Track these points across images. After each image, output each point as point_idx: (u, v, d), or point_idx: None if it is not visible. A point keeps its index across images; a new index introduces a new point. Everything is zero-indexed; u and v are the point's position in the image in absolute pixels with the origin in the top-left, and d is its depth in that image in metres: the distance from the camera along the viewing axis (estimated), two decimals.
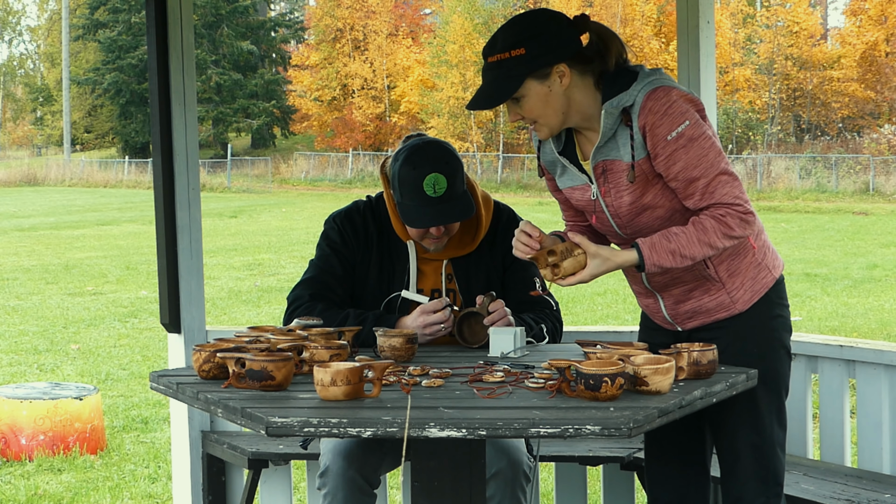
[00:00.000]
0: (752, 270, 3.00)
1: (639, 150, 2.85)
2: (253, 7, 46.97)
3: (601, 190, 2.97)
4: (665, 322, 3.13)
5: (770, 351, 3.03)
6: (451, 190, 3.32)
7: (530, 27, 2.85)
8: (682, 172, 2.83)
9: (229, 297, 13.94)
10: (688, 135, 2.80)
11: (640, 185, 2.89)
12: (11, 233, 23.26)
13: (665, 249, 2.84)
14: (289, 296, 3.47)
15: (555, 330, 3.48)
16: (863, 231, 21.93)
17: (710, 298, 3.01)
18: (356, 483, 3.28)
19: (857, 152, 34.22)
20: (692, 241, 2.83)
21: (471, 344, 3.32)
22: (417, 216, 3.33)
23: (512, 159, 37.76)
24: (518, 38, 2.84)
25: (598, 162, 2.94)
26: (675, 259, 2.84)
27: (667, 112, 2.80)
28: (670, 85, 2.86)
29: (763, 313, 3.02)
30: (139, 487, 6.04)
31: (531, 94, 2.86)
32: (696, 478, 3.19)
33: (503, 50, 2.84)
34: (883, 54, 38.53)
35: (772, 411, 3.03)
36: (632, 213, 2.94)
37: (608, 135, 2.89)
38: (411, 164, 3.33)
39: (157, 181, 4.31)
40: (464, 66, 39.11)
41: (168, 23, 4.22)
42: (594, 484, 5.29)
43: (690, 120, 2.81)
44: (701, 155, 2.81)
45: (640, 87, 2.84)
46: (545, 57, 2.83)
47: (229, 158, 40.10)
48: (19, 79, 64.47)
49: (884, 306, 12.61)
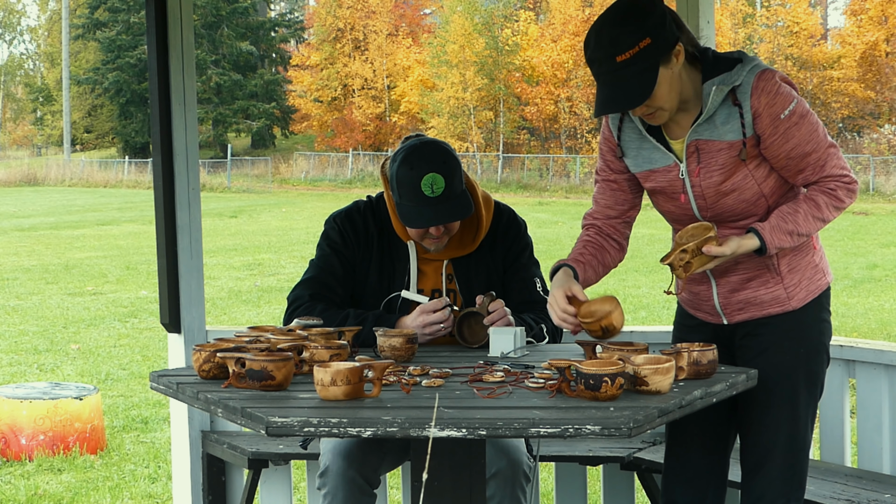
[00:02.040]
0: (809, 270, 3.04)
1: (749, 128, 2.90)
2: (253, 7, 46.96)
3: (690, 169, 2.98)
4: (712, 312, 3.11)
5: (815, 354, 3.04)
6: (449, 190, 3.32)
7: (644, 16, 2.83)
8: (796, 149, 2.90)
9: (229, 297, 13.94)
10: (798, 112, 2.90)
11: (732, 166, 2.93)
12: (11, 233, 23.26)
13: (783, 231, 2.92)
14: (289, 296, 3.47)
15: (555, 330, 3.47)
16: (863, 231, 21.93)
17: (766, 291, 3.02)
18: (356, 483, 3.28)
19: (858, 152, 34.22)
20: (808, 219, 2.93)
21: (471, 344, 3.32)
22: (416, 216, 3.33)
23: (512, 159, 37.75)
24: (641, 30, 2.81)
25: (692, 140, 2.96)
26: (793, 239, 2.93)
27: (778, 92, 2.89)
28: (770, 68, 2.94)
29: (814, 315, 3.04)
30: (139, 487, 6.04)
31: (662, 81, 2.87)
32: (715, 481, 3.17)
33: (632, 45, 2.81)
34: (883, 54, 38.53)
35: (809, 414, 3.04)
36: (719, 194, 2.96)
37: (711, 112, 2.91)
38: (409, 165, 3.33)
39: (157, 181, 4.31)
40: (464, 66, 39.10)
41: (168, 23, 4.22)
42: (594, 484, 5.29)
43: (797, 101, 2.91)
44: (811, 130, 2.91)
45: (747, 69, 2.90)
46: (668, 40, 2.85)
47: (229, 158, 40.09)
48: (19, 79, 64.48)
49: (884, 306, 12.61)
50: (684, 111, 2.97)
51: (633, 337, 4.23)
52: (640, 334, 4.25)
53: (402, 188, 3.34)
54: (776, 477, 3.02)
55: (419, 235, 3.42)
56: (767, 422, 3.03)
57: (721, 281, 3.05)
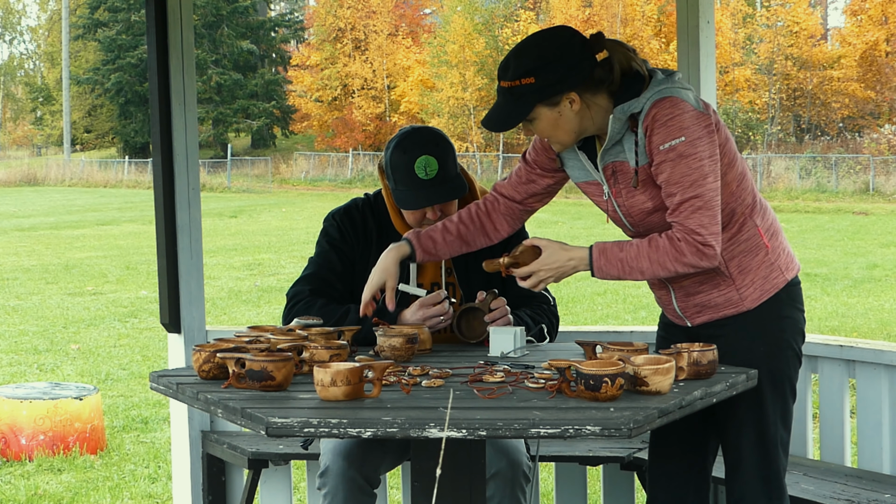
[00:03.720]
0: (763, 269, 3.01)
1: (642, 156, 2.88)
2: (253, 7, 46.95)
3: (612, 191, 3.00)
4: (675, 316, 3.14)
5: (778, 351, 3.03)
6: (442, 172, 3.36)
7: (542, 56, 2.86)
8: (665, 184, 2.85)
9: (229, 297, 13.94)
10: (679, 150, 2.82)
11: (647, 187, 2.92)
12: (11, 233, 23.26)
13: (615, 257, 2.89)
14: (288, 292, 3.49)
15: (551, 326, 3.52)
16: (863, 231, 21.92)
17: (718, 293, 3.02)
18: (356, 483, 3.28)
19: (857, 152, 34.21)
20: (642, 255, 2.87)
21: (468, 339, 3.34)
22: (411, 199, 3.38)
23: (512, 159, 37.74)
24: (528, 68, 2.86)
25: (606, 164, 2.98)
26: (624, 269, 2.89)
27: (667, 123, 2.82)
28: (681, 97, 2.86)
29: (772, 313, 3.02)
30: (139, 487, 6.04)
31: (542, 118, 2.91)
32: (695, 480, 3.19)
33: (514, 78, 2.87)
34: (883, 54, 38.53)
35: (776, 412, 3.03)
36: (643, 213, 2.97)
37: (615, 139, 2.92)
38: (402, 149, 3.39)
39: (157, 181, 4.31)
40: (464, 66, 39.11)
41: (168, 23, 4.22)
42: (594, 484, 5.28)
43: (688, 137, 2.82)
44: (685, 174, 2.82)
45: (649, 95, 2.86)
46: (554, 87, 2.86)
47: (229, 158, 40.09)
48: (19, 79, 64.47)
49: (884, 306, 12.61)
50: (606, 135, 2.97)
51: (633, 337, 4.23)
52: (640, 334, 4.25)
53: (397, 173, 3.38)
54: (753, 477, 3.03)
55: (416, 221, 3.44)
56: (735, 423, 3.05)
57: (675, 286, 3.08)
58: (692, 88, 2.96)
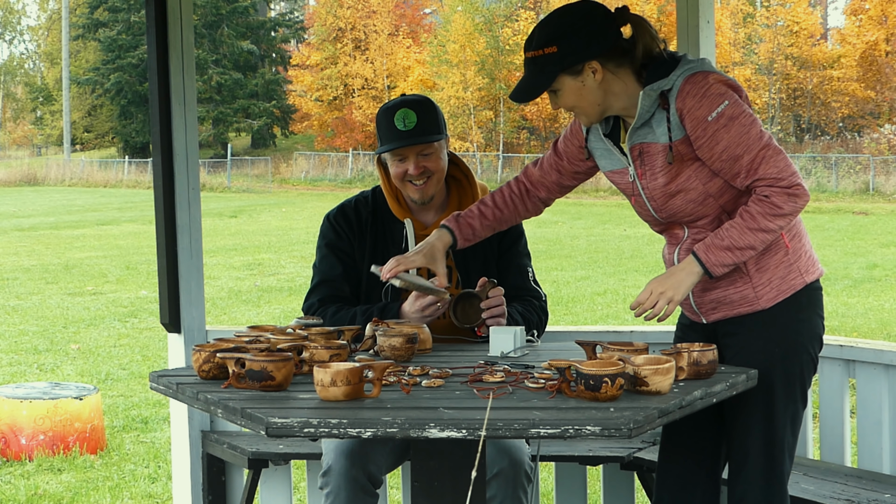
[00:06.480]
0: (781, 270, 3.01)
1: (675, 131, 2.91)
2: (253, 7, 46.94)
3: (638, 172, 3.03)
4: (691, 311, 3.15)
5: (793, 354, 3.02)
6: (421, 125, 3.45)
7: (564, 25, 2.93)
8: (726, 151, 2.88)
9: (229, 297, 13.94)
10: (728, 114, 2.87)
11: (675, 167, 2.94)
12: (11, 233, 23.26)
13: (720, 248, 2.90)
14: (303, 307, 3.60)
15: (540, 322, 3.58)
16: (863, 231, 21.92)
17: (734, 290, 3.02)
18: (359, 482, 3.28)
19: (857, 152, 34.21)
20: (743, 232, 2.88)
21: (462, 324, 3.38)
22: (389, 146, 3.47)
23: (512, 159, 37.74)
24: (551, 37, 2.93)
25: (634, 144, 3.01)
26: (735, 254, 2.90)
27: (705, 94, 2.88)
28: (709, 70, 2.93)
29: (789, 315, 3.02)
30: (139, 487, 6.04)
31: (565, 89, 2.96)
32: (704, 484, 3.18)
33: (537, 47, 2.95)
34: (883, 54, 38.52)
35: (787, 416, 3.02)
36: (666, 195, 2.99)
37: (644, 117, 2.95)
38: (386, 107, 3.51)
39: (157, 181, 4.31)
40: (464, 65, 39.11)
41: (168, 23, 4.22)
42: (594, 484, 5.28)
43: (729, 100, 2.88)
44: (742, 132, 2.86)
45: (679, 73, 2.92)
46: (576, 55, 2.91)
47: (229, 158, 40.08)
48: (19, 79, 64.47)
49: (884, 306, 12.61)
50: (631, 117, 3.02)
51: (633, 337, 4.23)
52: (640, 334, 4.25)
53: (381, 130, 3.50)
54: (756, 479, 3.02)
55: (400, 179, 3.52)
56: (744, 423, 3.04)
57: None
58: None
